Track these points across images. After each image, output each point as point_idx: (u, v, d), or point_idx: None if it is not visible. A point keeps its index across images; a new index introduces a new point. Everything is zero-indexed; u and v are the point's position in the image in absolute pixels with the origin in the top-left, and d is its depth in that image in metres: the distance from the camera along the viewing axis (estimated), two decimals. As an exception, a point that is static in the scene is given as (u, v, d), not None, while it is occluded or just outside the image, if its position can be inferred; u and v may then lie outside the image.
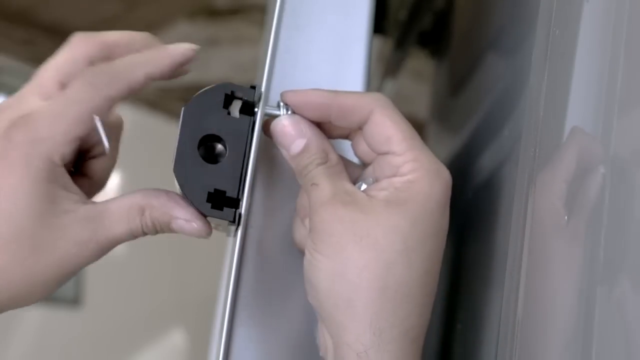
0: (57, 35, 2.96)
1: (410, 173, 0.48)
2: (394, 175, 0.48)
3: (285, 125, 0.50)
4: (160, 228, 0.51)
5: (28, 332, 3.15)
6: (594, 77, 0.42)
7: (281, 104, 0.51)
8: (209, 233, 0.51)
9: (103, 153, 0.53)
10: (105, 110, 0.49)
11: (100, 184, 0.55)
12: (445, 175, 0.48)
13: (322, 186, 0.49)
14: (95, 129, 0.50)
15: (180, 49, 0.50)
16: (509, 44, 0.58)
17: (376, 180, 0.50)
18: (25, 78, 0.51)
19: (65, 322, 3.30)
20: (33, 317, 3.17)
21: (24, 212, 0.48)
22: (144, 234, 0.51)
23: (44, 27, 2.97)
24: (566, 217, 0.42)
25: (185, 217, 0.50)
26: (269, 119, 0.52)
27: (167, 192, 0.51)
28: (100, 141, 0.51)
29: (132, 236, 0.51)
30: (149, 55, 0.50)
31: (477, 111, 0.64)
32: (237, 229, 0.51)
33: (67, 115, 0.48)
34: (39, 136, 0.48)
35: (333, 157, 0.50)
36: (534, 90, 0.47)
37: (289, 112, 0.51)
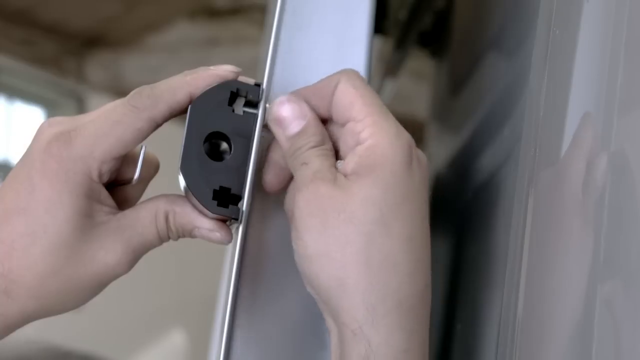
0: (57, 35, 2.96)
1: (370, 138, 0.48)
2: (357, 144, 0.48)
3: (286, 104, 0.50)
4: (182, 234, 0.52)
5: (28, 331, 3.15)
6: (594, 77, 0.42)
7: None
8: (230, 241, 0.52)
9: (129, 181, 0.53)
10: (147, 133, 0.50)
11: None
12: (406, 136, 0.48)
13: (311, 165, 0.48)
14: (126, 155, 0.50)
15: (221, 71, 0.51)
16: (509, 44, 0.58)
17: (343, 159, 0.49)
18: (25, 78, 0.51)
19: (66, 322, 3.30)
20: (33, 317, 3.16)
21: (62, 226, 0.49)
22: (169, 238, 0.52)
23: (43, 27, 2.97)
24: (574, 215, 0.42)
25: (208, 227, 0.51)
26: None
27: (187, 200, 0.51)
28: (134, 168, 0.51)
29: (160, 240, 0.52)
30: (190, 76, 0.50)
31: (477, 111, 0.64)
32: (238, 227, 0.51)
33: (109, 136, 0.49)
34: (80, 153, 0.49)
35: (328, 143, 0.50)
36: (534, 90, 0.48)
37: None
